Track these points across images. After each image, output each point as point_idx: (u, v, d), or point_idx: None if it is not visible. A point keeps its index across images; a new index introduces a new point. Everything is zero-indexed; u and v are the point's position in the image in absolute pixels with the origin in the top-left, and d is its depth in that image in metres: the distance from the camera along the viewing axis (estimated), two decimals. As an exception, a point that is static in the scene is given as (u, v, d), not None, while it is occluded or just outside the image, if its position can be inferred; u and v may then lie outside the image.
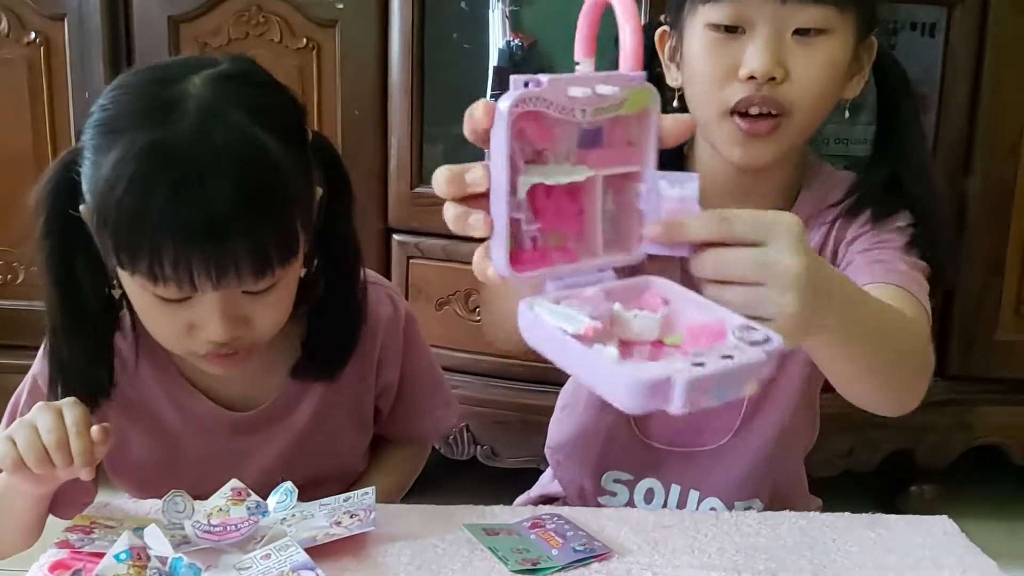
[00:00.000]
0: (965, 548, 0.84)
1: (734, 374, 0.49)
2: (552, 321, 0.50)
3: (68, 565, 0.76)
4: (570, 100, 0.52)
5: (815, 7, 0.89)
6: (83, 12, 1.77)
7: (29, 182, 1.95)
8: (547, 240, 0.54)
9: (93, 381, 0.91)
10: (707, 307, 0.54)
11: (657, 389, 0.47)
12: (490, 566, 0.78)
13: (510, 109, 0.50)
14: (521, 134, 0.52)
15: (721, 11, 0.90)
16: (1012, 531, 1.89)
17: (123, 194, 0.78)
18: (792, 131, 0.92)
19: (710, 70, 0.92)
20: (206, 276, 0.79)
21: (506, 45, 1.88)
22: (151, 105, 0.80)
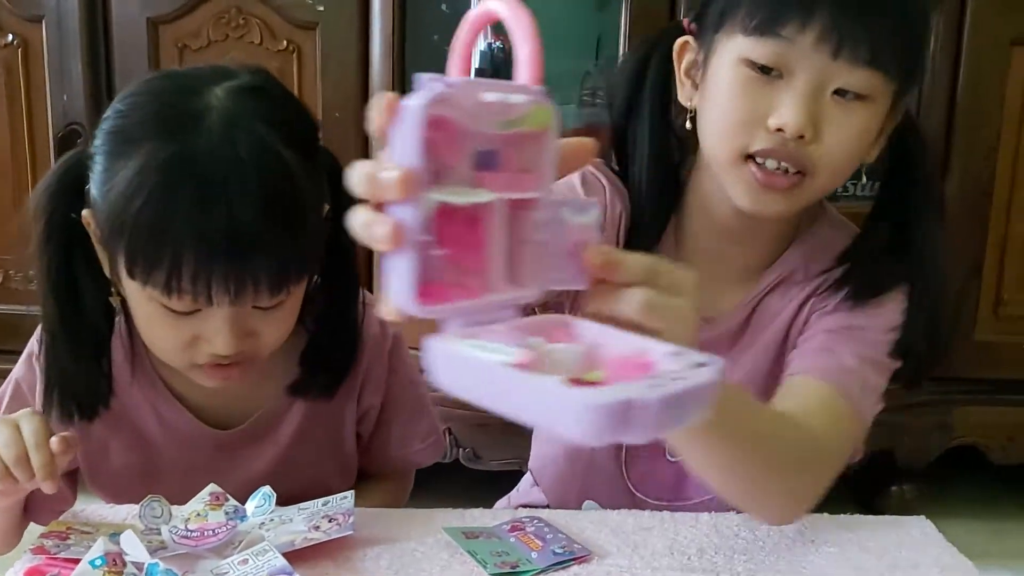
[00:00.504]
0: (942, 548, 0.85)
1: (692, 395, 0.44)
2: (480, 354, 0.44)
3: (43, 571, 0.75)
4: (480, 106, 0.47)
5: (866, 71, 0.82)
6: (61, 14, 1.76)
7: (7, 184, 1.96)
8: (450, 273, 0.47)
9: (92, 390, 0.90)
10: (627, 339, 0.49)
11: (616, 414, 0.41)
12: (469, 570, 0.78)
13: (424, 108, 0.44)
14: (428, 146, 0.44)
15: (763, 49, 0.82)
16: (992, 531, 1.91)
17: (143, 205, 0.76)
18: (810, 192, 0.87)
19: (736, 110, 0.85)
20: (224, 291, 0.79)
21: (487, 48, 1.88)
22: (172, 115, 0.79)
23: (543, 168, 0.49)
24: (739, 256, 0.96)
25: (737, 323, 0.96)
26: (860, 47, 0.80)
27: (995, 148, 1.73)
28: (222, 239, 0.77)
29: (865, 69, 0.81)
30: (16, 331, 1.87)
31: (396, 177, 0.44)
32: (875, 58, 0.81)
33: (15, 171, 1.85)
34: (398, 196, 0.44)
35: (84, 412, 0.91)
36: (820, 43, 0.81)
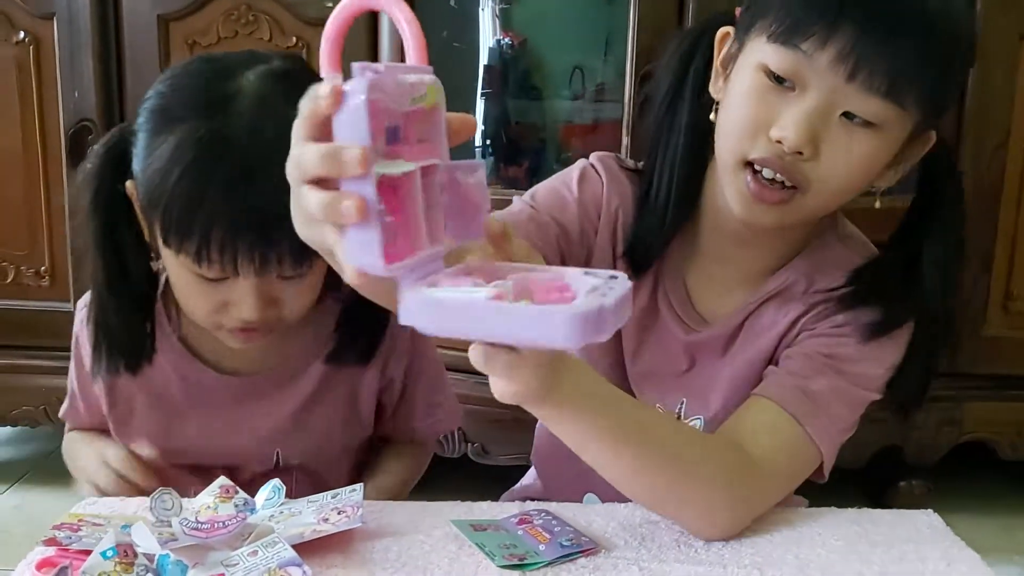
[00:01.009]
0: (950, 541, 0.85)
1: (626, 298, 0.53)
2: (461, 296, 0.51)
3: (55, 563, 0.75)
4: (399, 88, 0.52)
5: (878, 100, 0.79)
6: (72, 11, 1.77)
7: (19, 180, 1.98)
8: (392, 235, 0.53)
9: (136, 346, 0.99)
10: (537, 269, 0.57)
11: (591, 320, 0.49)
12: (477, 562, 0.78)
13: (367, 94, 0.49)
14: None
15: (781, 58, 0.81)
16: (1001, 526, 1.91)
17: (178, 179, 0.83)
18: (802, 208, 0.86)
19: (745, 115, 0.84)
20: (249, 263, 0.86)
21: (496, 44, 1.89)
22: (209, 97, 0.85)
23: (438, 138, 0.55)
24: (744, 259, 0.96)
25: (731, 329, 0.96)
26: (876, 76, 0.78)
27: (1004, 143, 1.73)
28: (248, 216, 0.83)
29: (879, 99, 0.79)
30: (27, 327, 1.91)
31: (358, 155, 0.49)
32: (892, 90, 0.79)
33: (27, 167, 1.86)
34: (360, 172, 0.49)
35: (129, 366, 0.99)
36: (836, 63, 0.79)
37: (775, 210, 0.85)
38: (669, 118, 0.94)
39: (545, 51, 1.93)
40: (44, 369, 1.85)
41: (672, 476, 0.81)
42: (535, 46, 1.91)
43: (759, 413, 0.87)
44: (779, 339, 0.94)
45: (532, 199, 0.97)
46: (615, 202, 0.97)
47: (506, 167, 1.91)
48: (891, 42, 0.78)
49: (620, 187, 0.98)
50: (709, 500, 0.82)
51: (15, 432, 2.22)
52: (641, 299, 0.97)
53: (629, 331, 0.98)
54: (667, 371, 0.98)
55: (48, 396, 1.86)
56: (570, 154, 1.93)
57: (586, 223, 0.97)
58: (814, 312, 0.92)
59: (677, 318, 0.97)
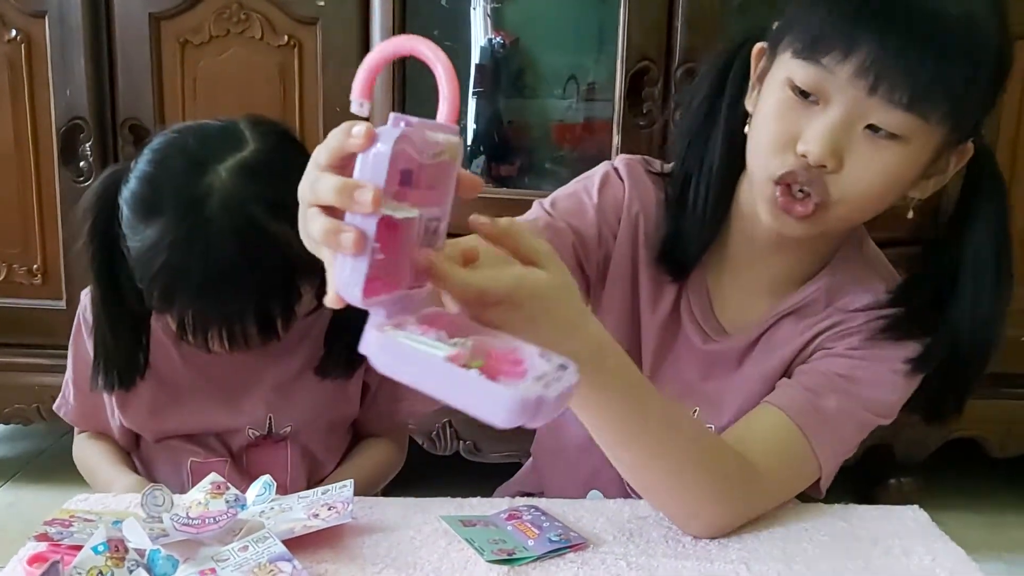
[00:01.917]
0: (935, 536, 0.85)
1: (569, 392, 0.55)
2: (420, 347, 0.54)
3: (46, 558, 0.75)
4: (425, 143, 0.55)
5: (901, 113, 0.79)
6: (64, 9, 1.77)
7: (11, 178, 1.98)
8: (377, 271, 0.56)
9: (131, 364, 1.04)
10: (498, 336, 0.60)
11: (531, 406, 0.51)
12: (466, 557, 0.78)
13: (395, 145, 0.53)
14: None
15: (806, 73, 0.82)
16: (990, 523, 1.92)
17: (156, 273, 0.93)
18: (829, 220, 0.86)
19: (773, 130, 0.85)
20: (220, 344, 0.97)
21: (488, 43, 1.89)
22: (182, 196, 0.92)
23: (447, 189, 0.58)
24: (770, 267, 0.96)
25: (749, 341, 0.96)
26: (897, 89, 0.79)
27: (994, 142, 1.72)
28: (217, 309, 0.94)
29: (901, 111, 0.79)
30: (19, 325, 1.91)
31: (371, 196, 0.52)
32: (913, 102, 0.79)
33: (19, 165, 1.86)
34: (369, 211, 0.52)
35: (123, 382, 1.05)
36: (857, 77, 0.79)
37: (803, 223, 0.86)
38: (705, 130, 0.95)
39: (537, 50, 1.93)
40: (37, 367, 1.86)
41: (669, 469, 0.81)
42: (527, 45, 1.91)
43: (766, 420, 0.88)
44: (795, 354, 0.94)
45: (552, 205, 0.98)
46: (636, 207, 0.98)
47: (498, 166, 1.91)
48: (911, 54, 0.78)
49: (643, 192, 0.98)
50: (699, 498, 0.83)
51: (8, 430, 2.22)
52: (664, 306, 0.98)
53: (650, 337, 0.99)
54: (683, 379, 0.99)
55: (41, 394, 1.86)
56: (562, 153, 1.94)
57: (605, 228, 0.98)
58: (833, 331, 0.92)
59: (697, 327, 0.98)
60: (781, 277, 0.96)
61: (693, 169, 0.95)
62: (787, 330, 0.95)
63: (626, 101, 1.67)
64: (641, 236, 0.98)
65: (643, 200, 0.98)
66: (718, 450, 0.84)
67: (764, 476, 0.85)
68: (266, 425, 1.08)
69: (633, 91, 1.67)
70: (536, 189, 1.86)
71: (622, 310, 0.99)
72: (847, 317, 0.93)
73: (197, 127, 0.99)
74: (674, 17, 1.65)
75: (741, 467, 0.84)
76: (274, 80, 1.78)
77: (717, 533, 0.84)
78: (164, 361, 1.06)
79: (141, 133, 1.81)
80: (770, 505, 0.88)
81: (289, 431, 1.09)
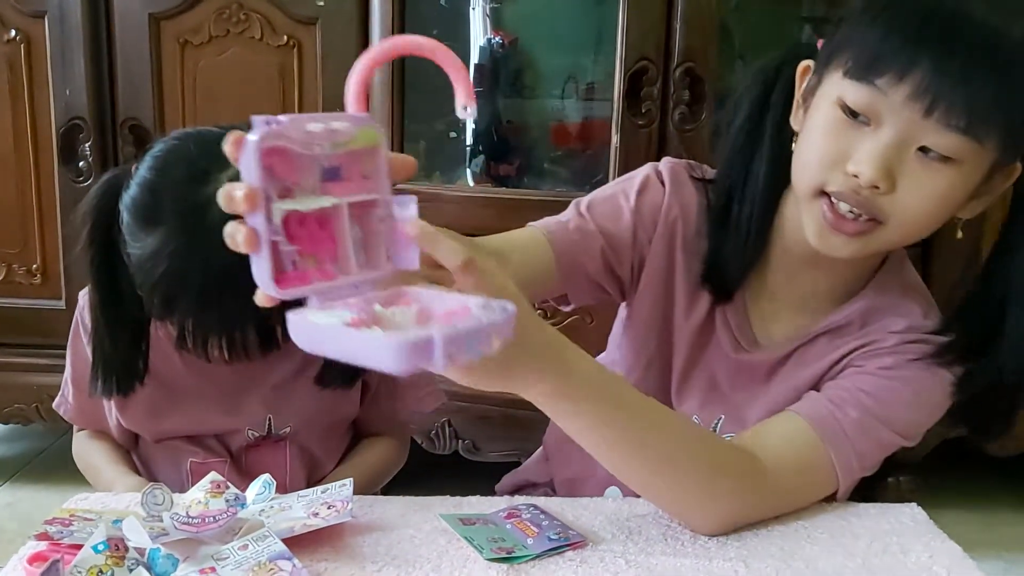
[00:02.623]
0: (932, 534, 0.86)
1: (481, 331, 0.57)
2: (324, 320, 0.58)
3: (46, 556, 0.75)
4: (308, 135, 0.59)
5: (955, 136, 0.79)
6: (64, 10, 1.78)
7: (11, 178, 1.99)
8: (306, 263, 0.60)
9: (130, 369, 1.03)
10: (453, 298, 0.62)
11: (419, 347, 0.54)
12: (465, 555, 0.79)
13: (258, 142, 0.57)
14: (271, 170, 0.58)
15: (857, 94, 0.82)
16: (987, 521, 1.93)
17: (156, 282, 0.92)
18: (879, 240, 0.86)
19: (822, 148, 0.85)
20: (220, 354, 0.96)
21: (487, 42, 1.90)
22: (183, 206, 0.91)
23: (379, 175, 0.62)
24: (808, 283, 0.96)
25: (780, 356, 0.97)
26: (954, 112, 0.78)
27: None
28: (217, 319, 0.94)
29: (957, 134, 0.79)
30: (19, 324, 1.91)
31: (243, 194, 0.56)
32: (970, 125, 0.78)
33: (18, 165, 1.87)
34: (247, 209, 0.56)
35: (121, 388, 1.04)
36: (913, 100, 0.79)
37: (852, 241, 0.86)
38: (749, 148, 0.95)
39: (535, 50, 1.94)
40: (36, 367, 1.87)
41: (658, 466, 0.82)
42: (526, 45, 1.92)
43: (786, 424, 0.88)
44: (825, 371, 0.94)
45: (588, 207, 0.99)
46: (675, 212, 0.98)
47: (497, 165, 1.92)
48: (969, 77, 0.77)
49: (684, 197, 0.99)
50: (694, 492, 0.83)
51: (7, 430, 2.23)
52: (699, 313, 0.99)
53: (683, 342, 0.99)
54: (711, 386, 0.99)
55: (40, 394, 1.87)
56: (560, 152, 1.94)
57: (641, 232, 0.98)
58: (864, 350, 0.92)
59: (731, 336, 0.98)
60: (819, 295, 0.96)
61: (737, 185, 0.95)
62: (820, 348, 0.95)
63: (625, 101, 1.67)
64: (679, 241, 0.98)
65: (683, 205, 0.98)
66: (709, 444, 0.85)
67: (772, 473, 0.85)
68: (265, 426, 1.09)
69: (632, 91, 1.67)
70: (535, 188, 1.88)
71: (653, 314, 1.00)
72: (881, 338, 0.92)
73: (198, 134, 0.98)
74: (673, 17, 1.65)
75: (740, 460, 0.84)
76: (274, 80, 1.79)
77: (719, 528, 0.84)
78: (164, 363, 1.05)
79: (141, 133, 1.82)
80: (780, 505, 0.87)
81: (288, 431, 1.10)
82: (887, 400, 0.89)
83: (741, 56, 1.82)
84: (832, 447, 0.87)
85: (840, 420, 0.88)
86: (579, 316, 1.72)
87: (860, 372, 0.91)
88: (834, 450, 0.87)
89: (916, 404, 0.90)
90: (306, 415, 1.10)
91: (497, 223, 1.09)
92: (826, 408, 0.88)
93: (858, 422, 0.88)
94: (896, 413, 0.90)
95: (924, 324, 0.93)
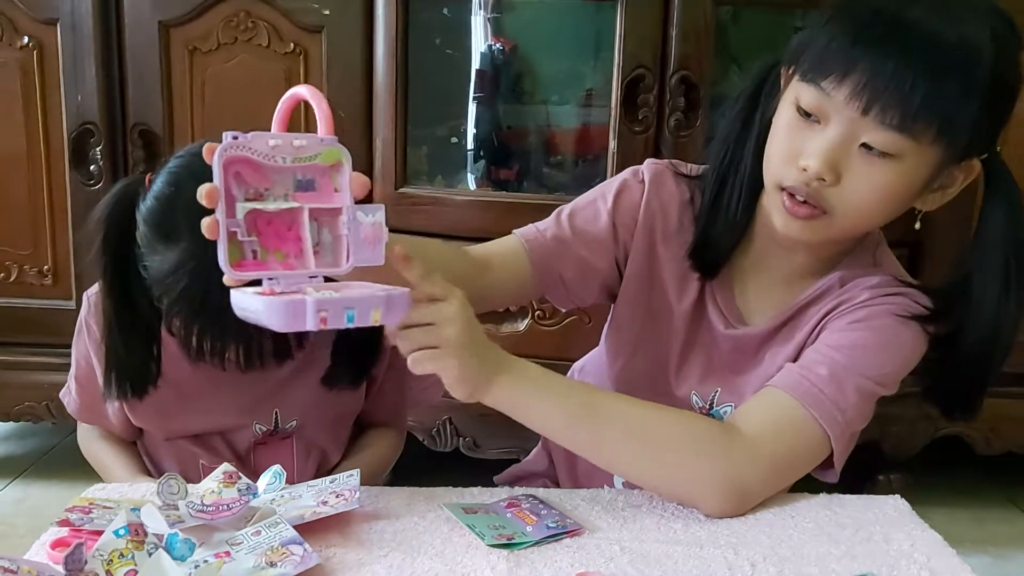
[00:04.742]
0: (914, 524, 0.89)
1: (358, 301, 0.71)
2: (246, 294, 0.71)
3: (68, 542, 0.78)
4: (271, 148, 0.72)
5: (890, 133, 0.85)
6: (75, 17, 1.79)
7: (23, 182, 2.00)
8: (272, 256, 0.73)
9: (144, 374, 1.05)
10: (370, 287, 0.74)
11: (292, 308, 0.68)
12: (468, 542, 0.82)
13: (220, 151, 0.70)
14: (239, 176, 0.71)
15: (809, 96, 0.88)
16: (975, 518, 1.95)
17: (175, 300, 0.94)
18: (831, 228, 0.92)
19: (780, 146, 0.93)
20: (236, 367, 0.99)
21: (488, 49, 1.91)
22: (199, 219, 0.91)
23: (344, 188, 0.75)
24: (787, 263, 1.02)
25: (768, 329, 1.02)
26: (889, 111, 0.84)
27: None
28: (236, 334, 0.95)
29: (893, 132, 0.85)
30: (30, 324, 1.93)
31: (205, 192, 0.70)
32: (904, 125, 0.84)
33: (30, 169, 1.88)
34: (207, 203, 0.70)
35: (136, 391, 1.05)
36: (852, 99, 0.85)
37: (807, 226, 0.92)
38: (742, 139, 1.01)
39: (535, 57, 1.95)
40: (47, 366, 1.87)
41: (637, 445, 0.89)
42: (525, 52, 1.93)
43: (763, 398, 0.93)
44: (807, 337, 0.99)
45: (569, 216, 1.06)
46: (654, 206, 1.05)
47: (497, 169, 1.94)
48: (902, 78, 0.83)
49: (663, 194, 1.05)
50: (678, 464, 0.89)
51: (18, 427, 2.24)
52: (690, 297, 1.05)
53: (680, 325, 1.05)
54: (706, 362, 1.05)
55: (50, 392, 1.86)
56: (559, 157, 1.96)
57: (621, 230, 1.05)
58: (838, 310, 0.98)
59: (720, 313, 1.04)
60: (797, 272, 1.02)
61: (729, 174, 1.01)
62: (804, 319, 1.00)
63: (622, 107, 1.69)
64: (659, 235, 1.04)
65: (663, 201, 1.05)
66: (682, 420, 0.90)
67: (753, 439, 0.89)
68: (272, 420, 1.11)
69: (629, 98, 1.69)
70: (534, 193, 1.89)
71: (638, 298, 1.06)
72: (854, 295, 0.97)
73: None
74: (669, 26, 1.68)
75: (715, 429, 0.90)
76: (280, 86, 1.78)
77: (726, 503, 0.89)
78: (173, 364, 1.06)
79: (150, 138, 1.83)
80: (775, 471, 0.91)
81: (295, 426, 1.12)
82: (855, 349, 0.94)
83: (736, 64, 1.84)
84: (812, 407, 0.91)
85: (812, 380, 0.92)
86: (577, 316, 1.75)
87: (832, 331, 0.96)
88: (815, 409, 0.91)
89: (886, 350, 0.94)
90: (312, 409, 1.12)
91: (497, 225, 1.13)
92: (797, 373, 0.93)
93: (829, 377, 0.92)
94: (865, 360, 0.93)
95: (894, 281, 0.99)
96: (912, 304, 0.96)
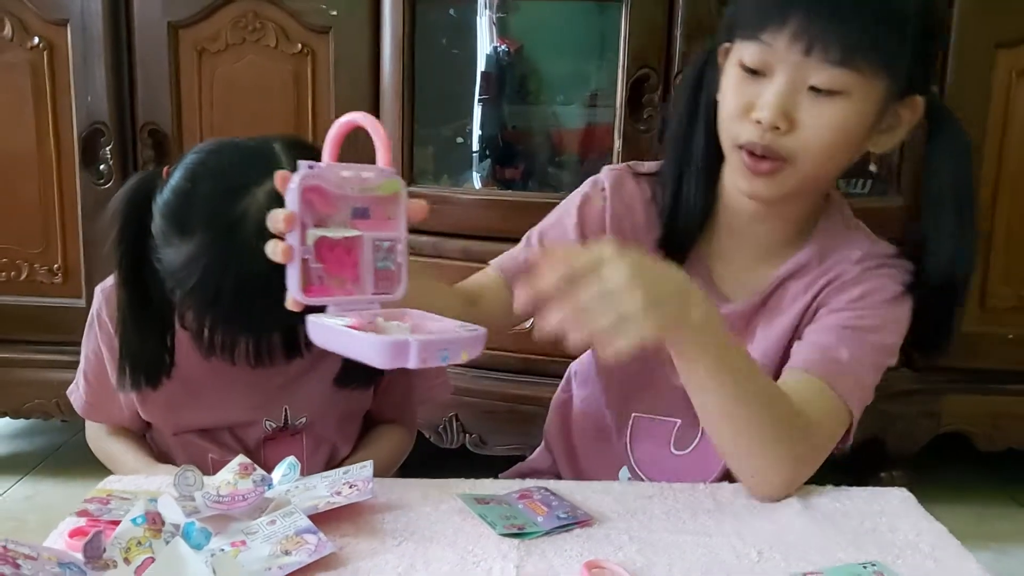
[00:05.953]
0: (919, 515, 0.90)
1: (452, 343, 0.71)
2: (331, 322, 0.73)
3: (86, 531, 0.79)
4: (341, 179, 0.75)
5: (835, 69, 0.88)
6: (85, 17, 1.81)
7: (33, 181, 2.02)
8: (332, 281, 0.75)
9: (158, 365, 1.06)
10: (442, 320, 0.76)
11: (397, 348, 0.68)
12: (479, 531, 0.83)
13: (300, 181, 0.73)
14: (309, 203, 0.73)
15: (750, 51, 0.92)
16: (977, 514, 1.96)
17: (189, 292, 0.94)
18: (794, 178, 0.94)
19: (731, 105, 0.95)
20: (246, 361, 0.99)
21: (493, 51, 1.92)
22: (219, 219, 0.92)
23: (399, 219, 0.78)
24: (758, 234, 1.04)
25: (752, 306, 1.04)
26: (830, 48, 0.88)
27: (980, 146, 1.76)
28: (247, 328, 0.96)
29: (836, 68, 0.88)
30: (40, 322, 1.94)
31: (282, 217, 0.72)
32: (846, 59, 0.88)
33: (41, 168, 1.89)
34: (285, 229, 0.73)
35: (149, 381, 1.06)
36: (793, 44, 0.89)
37: (771, 182, 0.94)
38: (691, 129, 1.03)
39: (540, 58, 1.97)
40: (56, 364, 1.88)
41: (760, 429, 0.89)
42: (531, 53, 1.94)
43: (800, 385, 0.94)
44: (801, 315, 1.02)
45: (538, 235, 1.09)
46: (619, 210, 1.07)
47: (502, 169, 1.95)
48: (840, 15, 0.87)
49: (625, 196, 1.07)
50: (781, 457, 0.90)
51: (28, 425, 2.25)
52: None
53: None
54: None
55: (60, 390, 1.84)
56: (564, 157, 1.97)
57: (592, 237, 1.07)
58: (831, 286, 1.00)
59: None
60: (770, 245, 1.04)
61: (684, 166, 1.04)
62: (791, 293, 1.02)
63: (627, 107, 1.71)
64: (629, 236, 1.06)
65: (626, 203, 1.07)
66: (788, 405, 0.90)
67: (816, 431, 0.92)
68: (282, 416, 1.11)
69: (634, 97, 1.70)
70: (539, 192, 1.91)
71: None
72: (844, 270, 1.00)
73: (233, 146, 0.99)
74: (673, 26, 1.69)
75: (806, 423, 0.91)
76: (288, 86, 1.81)
77: (784, 489, 0.91)
78: (185, 358, 1.07)
79: (159, 137, 1.84)
80: (820, 458, 0.93)
81: (304, 422, 1.13)
82: (867, 327, 0.97)
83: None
84: (838, 386, 0.94)
85: (835, 360, 0.95)
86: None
87: (834, 310, 0.99)
88: (841, 388, 0.94)
89: (891, 326, 0.99)
90: (322, 406, 1.13)
91: (502, 224, 1.15)
92: (820, 353, 0.96)
93: (850, 357, 0.95)
94: (879, 337, 0.98)
95: (875, 249, 1.02)
96: (901, 274, 1.00)
